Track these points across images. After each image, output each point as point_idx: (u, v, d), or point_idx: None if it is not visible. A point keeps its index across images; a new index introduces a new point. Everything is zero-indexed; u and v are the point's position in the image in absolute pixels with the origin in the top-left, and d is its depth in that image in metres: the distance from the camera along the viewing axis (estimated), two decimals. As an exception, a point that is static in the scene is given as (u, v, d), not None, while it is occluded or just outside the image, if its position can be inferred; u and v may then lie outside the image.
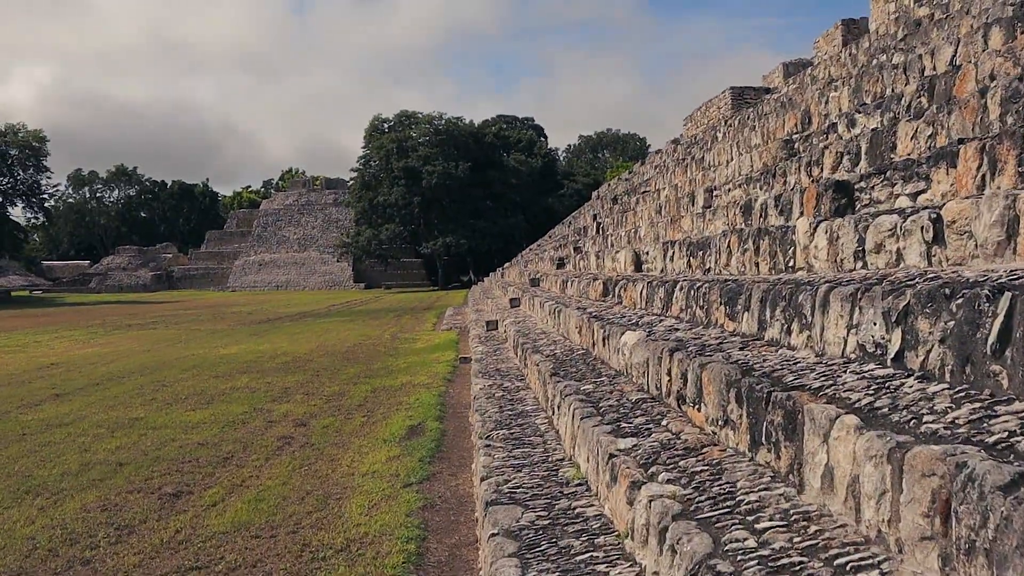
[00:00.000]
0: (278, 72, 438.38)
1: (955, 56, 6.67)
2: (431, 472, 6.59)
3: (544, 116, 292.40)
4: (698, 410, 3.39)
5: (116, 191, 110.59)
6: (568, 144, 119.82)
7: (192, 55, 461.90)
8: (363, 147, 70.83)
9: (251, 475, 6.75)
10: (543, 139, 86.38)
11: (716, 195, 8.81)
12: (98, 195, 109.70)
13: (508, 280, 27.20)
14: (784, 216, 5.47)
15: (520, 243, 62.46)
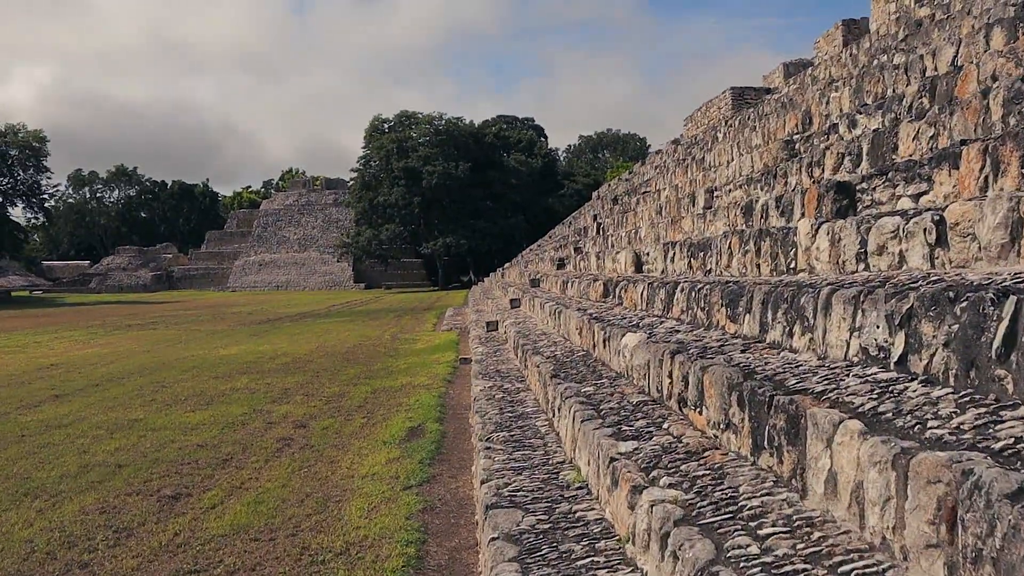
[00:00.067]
0: (278, 72, 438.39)
1: (957, 56, 6.65)
2: (431, 474, 6.57)
3: (544, 116, 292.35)
4: (699, 413, 3.37)
5: (116, 191, 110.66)
6: (568, 144, 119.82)
7: (192, 55, 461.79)
8: (363, 147, 70.87)
9: (250, 477, 6.73)
10: (543, 139, 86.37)
11: (717, 196, 8.79)
12: (98, 195, 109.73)
13: (508, 280, 27.18)
14: (785, 217, 5.45)
15: (520, 243, 62.44)
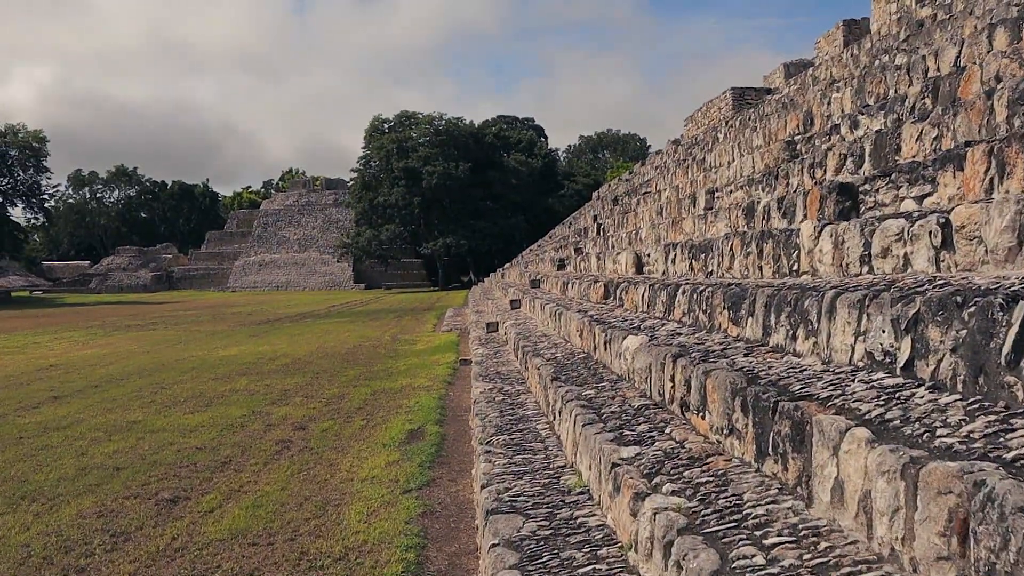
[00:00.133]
0: (278, 72, 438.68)
1: (959, 57, 6.61)
2: (431, 477, 6.53)
3: (544, 116, 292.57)
4: (702, 418, 3.33)
5: (116, 191, 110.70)
6: (568, 144, 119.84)
7: (192, 55, 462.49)
8: (363, 147, 70.83)
9: (249, 480, 6.69)
10: (543, 139, 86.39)
11: (718, 197, 8.74)
12: (98, 195, 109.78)
13: (508, 281, 27.14)
14: (787, 219, 5.41)
15: (520, 243, 62.41)
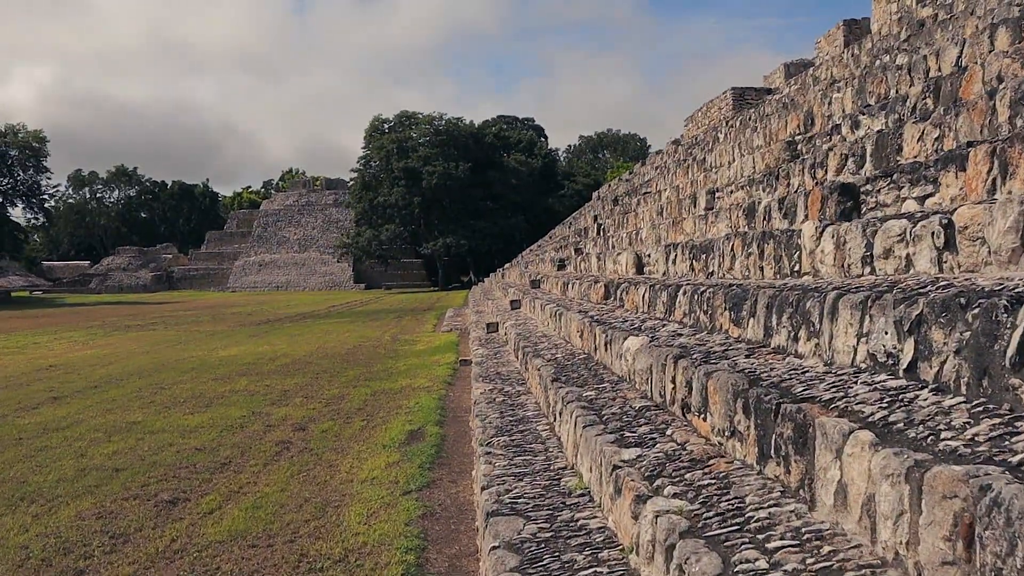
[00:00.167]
0: (278, 72, 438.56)
1: (961, 57, 6.59)
2: (431, 479, 6.51)
3: (544, 116, 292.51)
4: (704, 420, 3.32)
5: (116, 191, 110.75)
6: (568, 144, 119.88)
7: (192, 55, 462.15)
8: (363, 147, 70.84)
9: (249, 481, 6.67)
10: (543, 139, 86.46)
11: (718, 197, 8.73)
12: (98, 195, 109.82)
13: (508, 281, 27.13)
14: (788, 219, 5.40)
15: (520, 244, 62.40)
